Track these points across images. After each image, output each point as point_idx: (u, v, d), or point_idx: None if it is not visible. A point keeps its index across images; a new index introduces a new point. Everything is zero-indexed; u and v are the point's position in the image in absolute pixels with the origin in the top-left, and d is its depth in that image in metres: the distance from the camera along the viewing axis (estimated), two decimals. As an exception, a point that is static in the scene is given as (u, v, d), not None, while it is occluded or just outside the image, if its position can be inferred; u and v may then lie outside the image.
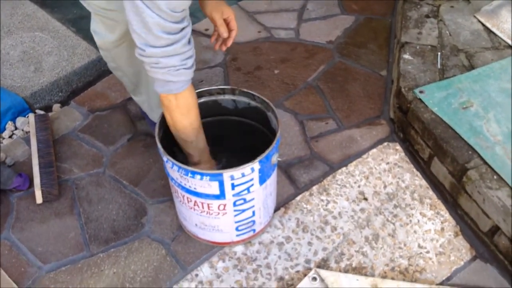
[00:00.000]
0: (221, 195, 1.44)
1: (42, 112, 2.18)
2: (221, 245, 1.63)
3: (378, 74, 2.22)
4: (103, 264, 1.61)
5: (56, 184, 1.79)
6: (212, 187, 1.41)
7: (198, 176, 1.39)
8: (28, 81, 2.28)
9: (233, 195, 1.45)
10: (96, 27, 1.61)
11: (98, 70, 2.39)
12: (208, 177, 1.39)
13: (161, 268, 1.58)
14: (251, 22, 2.54)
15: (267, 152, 1.41)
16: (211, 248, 1.63)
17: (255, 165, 1.40)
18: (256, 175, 1.44)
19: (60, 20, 2.62)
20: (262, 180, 1.47)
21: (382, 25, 2.50)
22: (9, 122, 2.18)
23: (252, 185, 1.46)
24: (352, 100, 2.11)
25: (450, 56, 1.98)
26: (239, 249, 1.63)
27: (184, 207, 1.55)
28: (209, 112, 1.66)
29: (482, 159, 1.62)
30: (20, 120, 2.19)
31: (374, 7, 2.61)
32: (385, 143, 1.93)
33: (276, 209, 1.72)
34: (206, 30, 2.51)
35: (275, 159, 1.47)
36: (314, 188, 1.79)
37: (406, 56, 1.98)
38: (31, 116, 2.04)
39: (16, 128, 2.17)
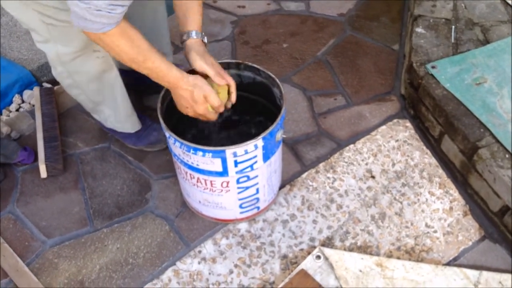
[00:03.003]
0: (224, 172, 1.41)
1: (48, 85, 2.16)
2: (225, 222, 1.61)
3: (390, 49, 2.16)
4: (107, 239, 1.60)
5: (60, 159, 1.78)
6: (215, 164, 1.39)
7: (200, 153, 1.36)
8: (35, 53, 2.25)
9: (236, 172, 1.43)
10: (47, 36, 1.41)
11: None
12: (210, 154, 1.36)
13: (165, 244, 1.58)
14: (261, -6, 2.48)
15: (270, 129, 1.37)
16: (215, 225, 1.61)
17: (259, 142, 1.37)
18: (259, 152, 1.41)
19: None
20: (266, 157, 1.44)
21: (395, -3, 2.42)
22: (16, 95, 2.17)
23: (256, 162, 1.43)
24: (362, 76, 2.05)
25: (464, 30, 1.91)
26: (243, 226, 1.61)
27: (187, 183, 1.53)
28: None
29: (494, 137, 1.57)
30: (27, 93, 2.17)
31: (388, -22, 2.53)
32: (395, 120, 1.88)
33: (282, 187, 1.70)
34: (215, 2, 2.45)
35: (279, 136, 1.44)
36: (321, 165, 1.76)
37: (419, 29, 1.92)
38: (36, 89, 2.02)
39: (23, 101, 2.16)
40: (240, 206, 1.55)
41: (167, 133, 1.40)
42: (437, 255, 1.53)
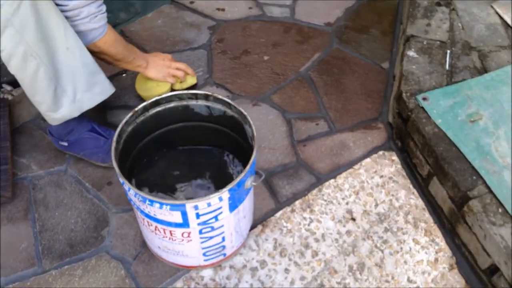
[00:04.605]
0: (185, 224, 1.26)
1: (8, 88, 1.95)
2: (188, 268, 1.46)
3: (379, 67, 1.99)
4: (55, 283, 1.44)
5: (9, 186, 1.60)
6: (174, 216, 1.23)
7: (157, 205, 1.20)
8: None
9: (199, 224, 1.27)
10: None
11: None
12: (168, 207, 1.20)
13: (119, 293, 1.42)
14: (243, -5, 2.28)
15: (238, 179, 1.21)
16: (176, 271, 1.46)
17: (224, 194, 1.21)
18: (225, 203, 1.25)
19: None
20: (233, 207, 1.29)
21: (388, 6, 2.24)
22: (-26, 98, 1.97)
23: (221, 213, 1.27)
24: (347, 97, 1.89)
25: (460, 56, 1.74)
26: (207, 273, 1.46)
27: (146, 229, 1.37)
28: (180, 118, 1.46)
29: (487, 186, 1.43)
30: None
31: (381, -17, 2.34)
32: (381, 152, 1.72)
33: (253, 227, 1.54)
34: (192, 3, 2.25)
35: (249, 183, 1.28)
36: (297, 203, 1.60)
37: (411, 53, 1.75)
38: (-11, 101, 1.83)
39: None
40: (204, 254, 1.40)
41: (121, 179, 1.23)
42: (418, 314, 1.40)
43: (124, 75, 1.96)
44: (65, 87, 1.48)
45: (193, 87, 1.89)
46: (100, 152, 1.65)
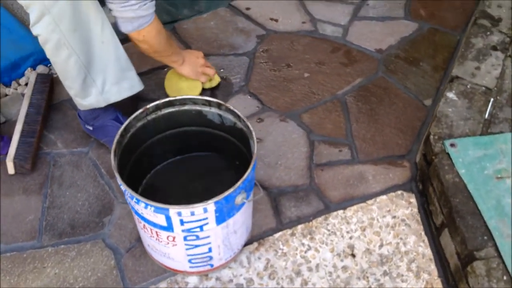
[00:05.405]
0: (169, 228, 1.26)
1: (50, 71, 2.05)
2: (174, 271, 1.46)
3: (421, 103, 1.90)
4: (48, 260, 1.49)
5: (30, 158, 1.67)
6: (159, 218, 1.23)
7: (143, 204, 1.20)
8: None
9: (183, 231, 1.26)
10: None
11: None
12: (152, 208, 1.20)
13: (103, 282, 1.44)
14: (299, 9, 2.26)
15: (226, 193, 1.20)
16: (163, 272, 1.46)
17: (209, 206, 1.20)
18: (211, 215, 1.23)
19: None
20: (220, 220, 1.27)
21: (447, 40, 2.13)
22: (29, 69, 2.09)
23: (207, 224, 1.26)
24: (379, 129, 1.82)
25: (504, 106, 1.63)
26: (192, 280, 1.45)
27: (137, 225, 1.38)
28: (192, 122, 1.46)
29: (497, 249, 1.32)
30: (40, 68, 2.08)
31: (446, 15, 2.24)
32: (399, 192, 1.65)
33: (249, 243, 1.52)
34: (248, 9, 2.26)
35: (240, 199, 1.26)
36: (299, 227, 1.56)
37: (451, 95, 1.65)
38: (33, 74, 1.92)
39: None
40: (190, 261, 1.39)
41: (116, 173, 1.25)
42: None
43: (166, 70, 1.99)
44: (95, 78, 1.53)
45: (216, 86, 1.90)
46: None
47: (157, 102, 1.38)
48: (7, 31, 2.10)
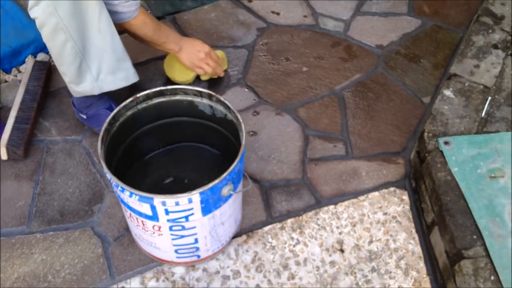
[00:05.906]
0: (154, 217, 1.25)
1: (48, 58, 2.05)
2: (161, 261, 1.45)
3: (419, 101, 1.88)
4: (36, 246, 1.49)
5: (23, 144, 1.67)
6: (144, 207, 1.23)
7: (127, 193, 1.20)
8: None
9: (168, 220, 1.26)
10: None
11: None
12: (137, 197, 1.20)
13: (90, 270, 1.44)
14: (301, 3, 2.23)
15: (211, 184, 1.19)
16: (150, 261, 1.46)
17: (194, 196, 1.19)
18: (197, 205, 1.23)
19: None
20: (206, 211, 1.26)
21: (449, 38, 2.10)
22: (29, 56, 2.09)
23: (192, 214, 1.25)
24: (375, 125, 1.80)
25: (502, 105, 1.60)
26: (179, 270, 1.45)
27: (124, 214, 1.38)
28: (184, 112, 1.45)
29: (486, 249, 1.31)
30: (40, 56, 2.08)
31: (449, 13, 2.21)
32: (392, 188, 1.63)
33: (237, 235, 1.51)
34: (250, 1, 2.24)
35: (227, 191, 1.25)
36: (289, 221, 1.55)
37: (448, 92, 1.63)
38: (31, 61, 1.93)
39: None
40: (176, 252, 1.39)
41: (102, 162, 1.24)
42: None
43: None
44: (90, 64, 1.53)
45: (217, 77, 1.90)
46: None
47: (148, 91, 1.38)
48: (9, 17, 2.11)
